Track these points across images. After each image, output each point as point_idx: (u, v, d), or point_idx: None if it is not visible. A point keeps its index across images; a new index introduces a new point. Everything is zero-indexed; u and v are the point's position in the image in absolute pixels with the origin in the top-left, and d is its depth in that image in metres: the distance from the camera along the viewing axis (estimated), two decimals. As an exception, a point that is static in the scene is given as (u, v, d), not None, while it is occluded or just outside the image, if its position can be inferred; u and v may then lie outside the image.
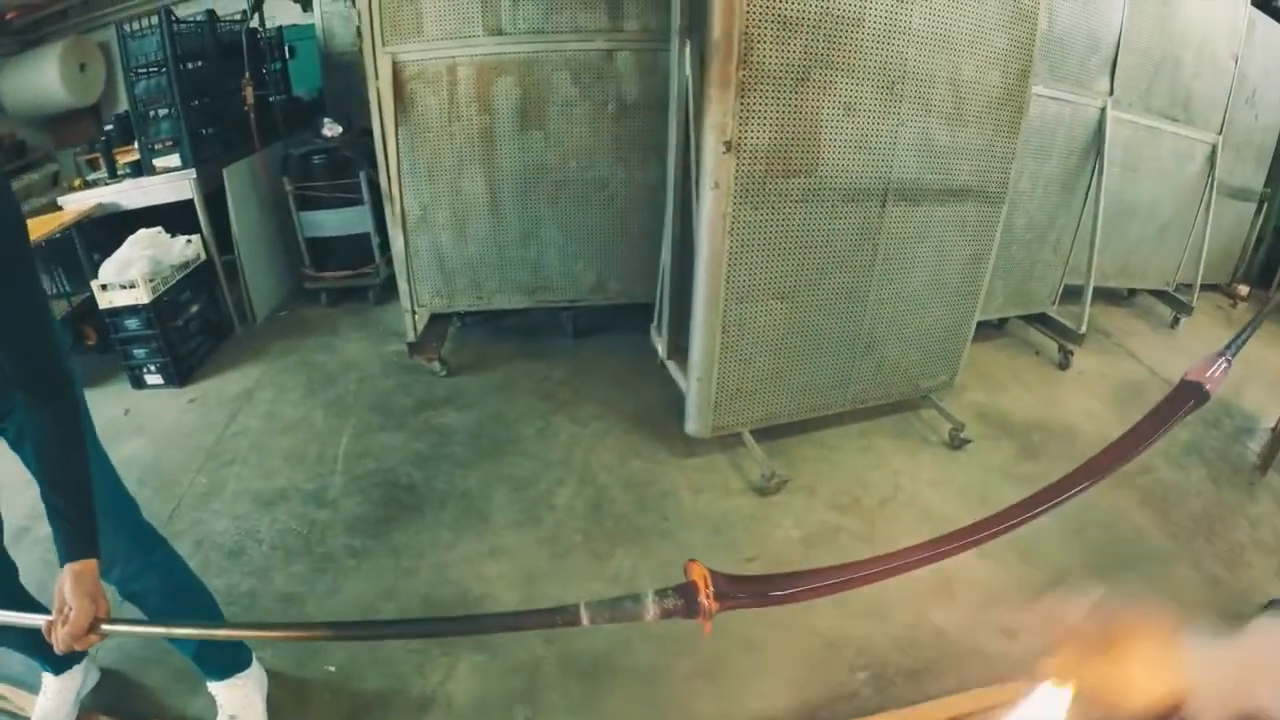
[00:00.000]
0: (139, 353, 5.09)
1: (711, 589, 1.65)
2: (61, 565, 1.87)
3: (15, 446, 2.32)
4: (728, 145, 3.26)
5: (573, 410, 4.60)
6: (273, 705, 2.82)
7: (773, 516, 3.71)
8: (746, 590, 1.75)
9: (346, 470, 4.16)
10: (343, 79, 7.20)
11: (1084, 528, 3.55)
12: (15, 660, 2.85)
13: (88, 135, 7.13)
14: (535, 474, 4.05)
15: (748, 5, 3.11)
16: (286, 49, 7.19)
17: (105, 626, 1.83)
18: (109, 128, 6.42)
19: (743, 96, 3.22)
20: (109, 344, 5.30)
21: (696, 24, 3.51)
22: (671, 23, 3.79)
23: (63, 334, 3.06)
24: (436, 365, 4.91)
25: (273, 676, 2.91)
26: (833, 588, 1.85)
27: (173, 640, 2.69)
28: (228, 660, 2.74)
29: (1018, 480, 3.96)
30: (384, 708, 2.86)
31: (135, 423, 4.77)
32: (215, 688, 2.72)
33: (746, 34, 3.15)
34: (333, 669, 2.99)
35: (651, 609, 1.67)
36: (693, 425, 3.99)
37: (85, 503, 1.96)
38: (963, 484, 3.96)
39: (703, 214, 3.44)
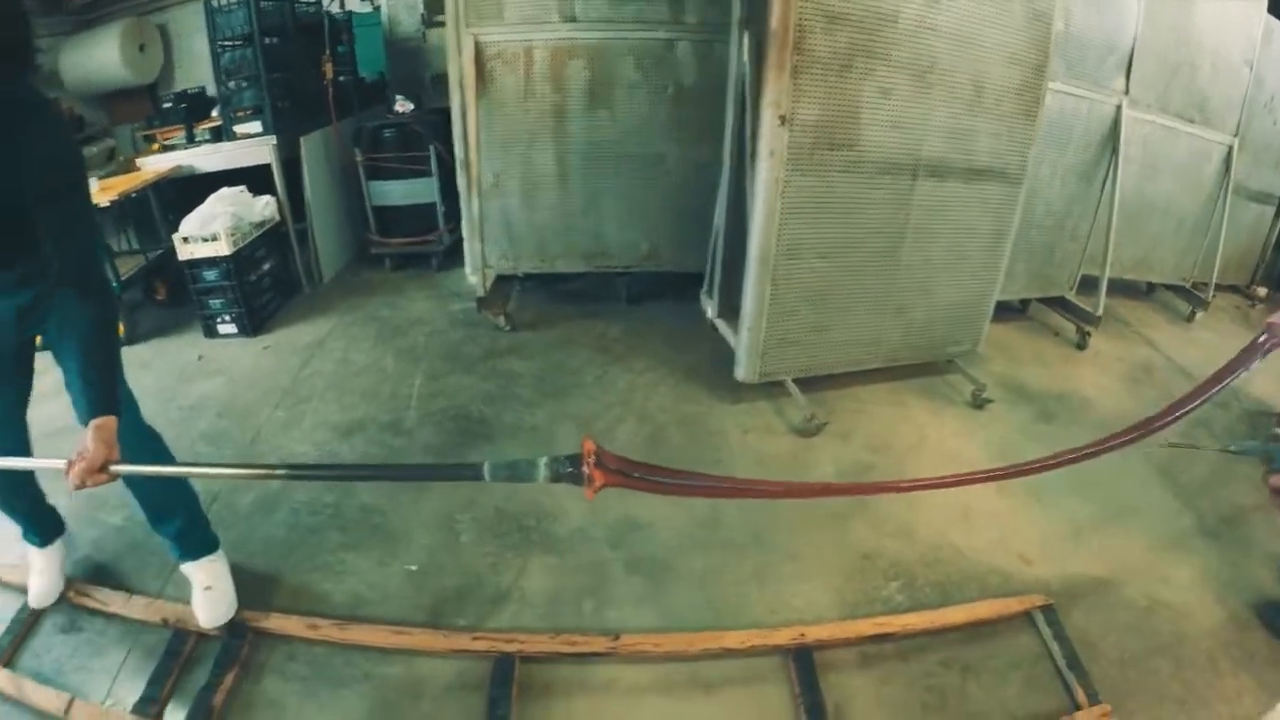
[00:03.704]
0: (215, 303, 5.75)
1: (594, 461, 1.99)
2: (84, 423, 2.39)
3: (54, 343, 2.76)
4: (782, 119, 3.96)
5: (628, 362, 5.24)
6: (356, 599, 3.37)
7: (812, 454, 4.31)
8: (630, 470, 2.09)
9: (421, 406, 4.80)
10: (405, 63, 7.97)
11: (1096, 482, 4.00)
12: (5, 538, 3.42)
13: (144, 112, 7.72)
14: (597, 413, 4.68)
15: (801, 1, 3.79)
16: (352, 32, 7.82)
17: (114, 467, 2.36)
18: (167, 105, 7.14)
19: (795, 78, 3.91)
20: (179, 298, 6.04)
21: (754, 17, 4.24)
22: (732, 15, 4.51)
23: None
24: (502, 320, 5.63)
25: (355, 574, 3.49)
26: (702, 491, 2.36)
27: (157, 525, 3.19)
28: (202, 543, 3.26)
29: (1034, 438, 4.50)
30: (462, 600, 3.37)
31: (210, 366, 5.39)
32: (189, 567, 3.23)
33: (799, 25, 3.83)
34: (414, 567, 3.54)
35: (544, 473, 2.04)
36: (742, 371, 4.65)
37: (112, 375, 2.51)
38: (984, 438, 4.52)
39: (759, 178, 4.12)
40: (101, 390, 2.44)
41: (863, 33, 3.97)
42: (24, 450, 2.95)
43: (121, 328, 2.94)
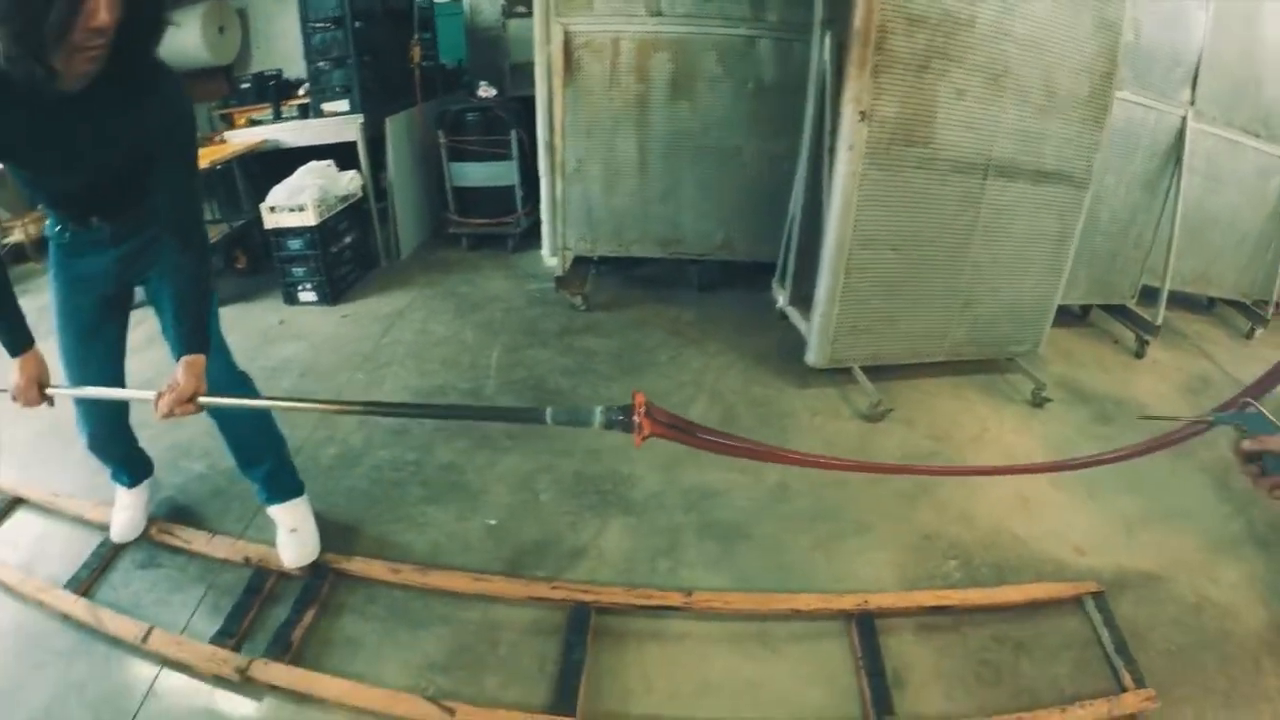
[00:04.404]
0: (297, 271, 6.07)
1: (645, 411, 2.14)
2: (177, 359, 2.65)
3: (154, 292, 3.05)
4: (862, 115, 4.16)
5: (701, 345, 5.45)
6: (436, 548, 3.56)
7: (878, 439, 4.48)
8: (676, 423, 2.26)
9: (500, 376, 5.05)
10: (485, 51, 8.30)
11: (1149, 482, 4.07)
12: (97, 484, 3.67)
13: (219, 93, 7.95)
14: (671, 390, 4.88)
15: (883, 3, 3.98)
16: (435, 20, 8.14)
17: (202, 399, 2.60)
18: (245, 86, 7.43)
19: (876, 76, 4.10)
20: (258, 267, 6.36)
21: (836, 17, 4.48)
22: (814, 15, 4.75)
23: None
24: (579, 300, 5.88)
25: (435, 526, 3.70)
26: (746, 451, 2.52)
27: (246, 467, 3.39)
28: (288, 487, 3.45)
29: (1091, 438, 4.56)
30: (540, 554, 3.55)
31: (291, 331, 5.70)
32: (275, 510, 3.42)
33: (881, 26, 4.02)
34: (493, 522, 3.73)
35: (599, 419, 2.21)
36: (812, 355, 4.84)
37: (204, 318, 2.74)
38: (1042, 434, 4.61)
39: (837, 170, 4.32)
40: (194, 330, 2.70)
41: (940, 35, 4.14)
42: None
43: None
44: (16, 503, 3.91)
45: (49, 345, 2.84)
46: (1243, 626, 3.27)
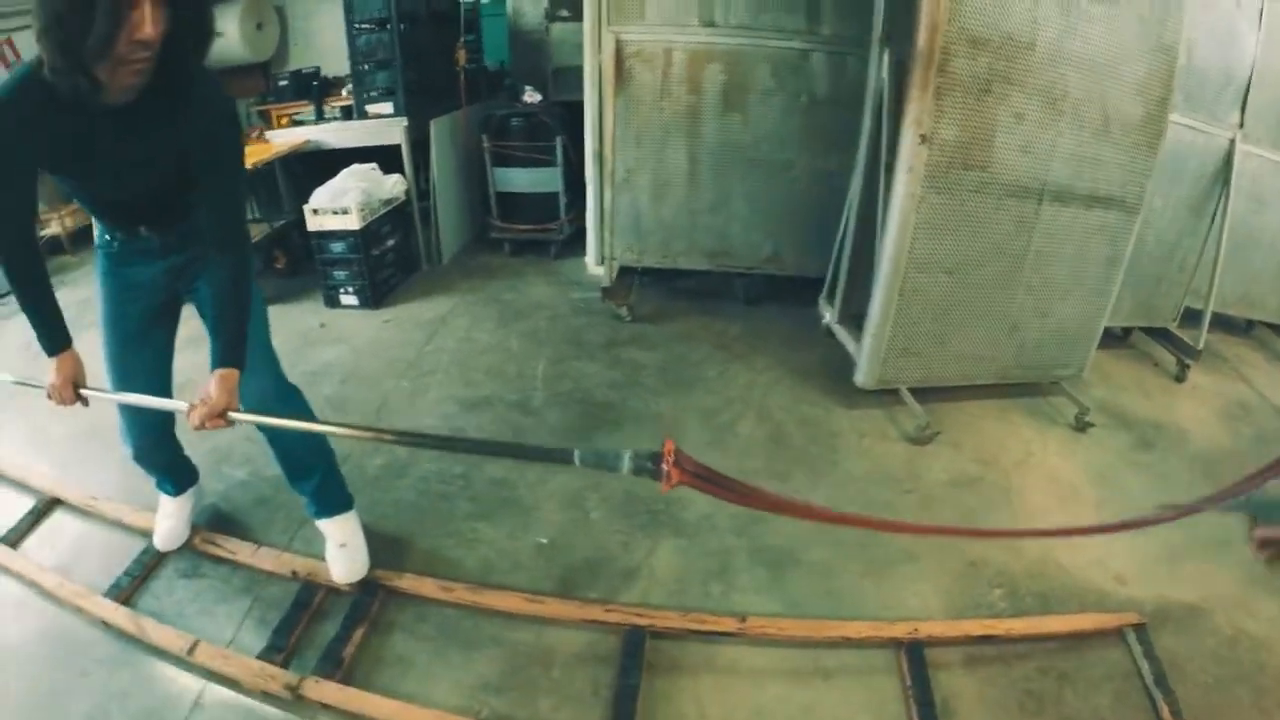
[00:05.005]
0: (339, 274, 6.11)
1: (674, 460, 2.12)
2: (212, 369, 2.63)
3: (202, 305, 3.03)
4: (923, 138, 4.16)
5: (748, 360, 5.46)
6: (486, 565, 3.59)
7: (924, 461, 4.49)
8: (703, 473, 2.24)
9: (547, 388, 5.06)
10: (529, 55, 8.28)
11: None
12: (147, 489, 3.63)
13: (256, 89, 8.13)
14: (719, 407, 4.90)
15: (947, 25, 3.98)
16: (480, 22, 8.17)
17: (234, 415, 2.60)
18: (283, 83, 7.53)
19: (938, 99, 4.10)
20: (297, 268, 6.43)
21: (895, 34, 4.48)
22: (872, 32, 4.76)
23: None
24: (625, 311, 5.91)
25: (486, 543, 3.72)
26: (763, 503, 2.53)
27: (295, 480, 3.38)
28: (338, 501, 3.44)
29: (1132, 465, 4.61)
30: (592, 574, 3.57)
31: (332, 335, 5.74)
32: (324, 524, 3.42)
33: (945, 49, 4.02)
34: (544, 540, 3.76)
35: (628, 464, 2.19)
36: (861, 376, 4.86)
37: (242, 331, 2.70)
38: (1084, 460, 4.62)
39: (895, 192, 4.33)
40: (230, 343, 2.68)
41: (1001, 58, 4.14)
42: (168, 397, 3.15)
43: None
44: (54, 503, 3.94)
45: (84, 341, 2.87)
46: (1277, 659, 3.31)
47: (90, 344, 2.97)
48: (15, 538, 3.71)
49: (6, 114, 2.25)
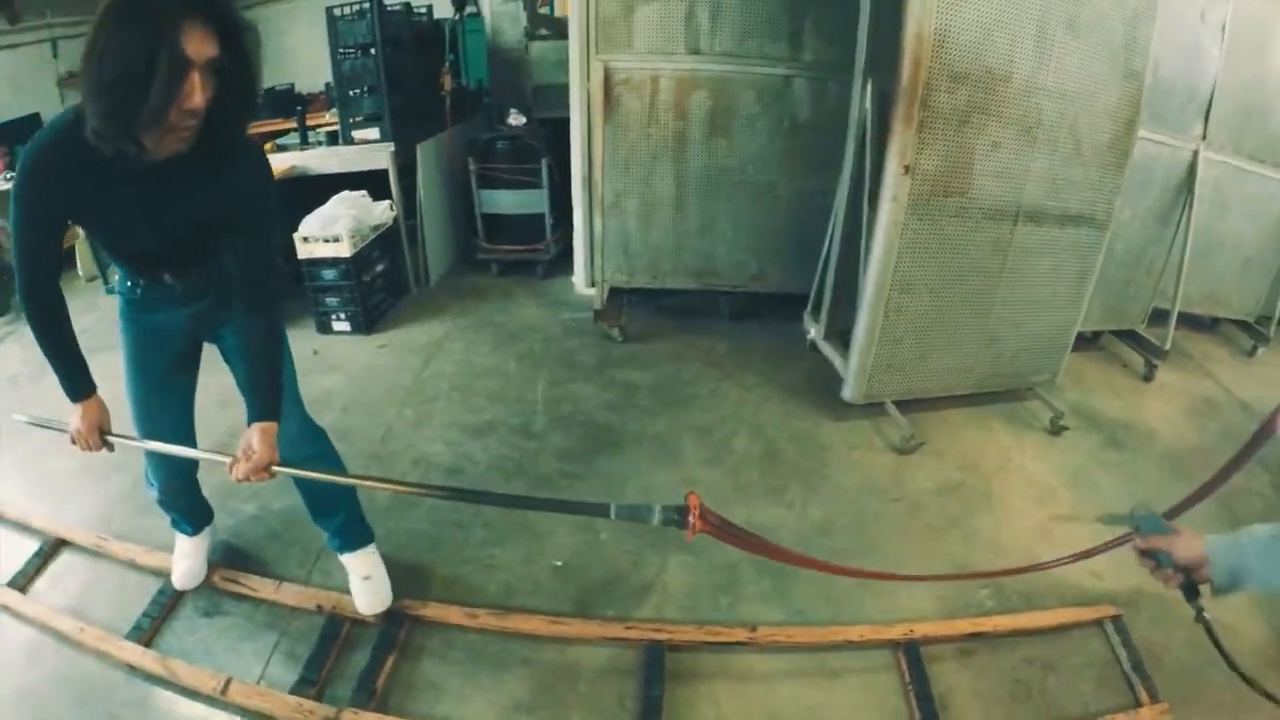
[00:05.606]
0: (331, 301, 6.19)
1: (699, 514, 2.34)
2: (249, 424, 2.68)
3: (227, 352, 3.10)
4: (906, 169, 4.39)
5: (737, 377, 5.67)
6: (506, 589, 3.72)
7: (910, 470, 4.74)
8: (723, 525, 2.49)
9: (548, 411, 5.23)
10: (508, 73, 8.43)
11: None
12: (154, 527, 3.75)
13: None
14: (713, 424, 5.11)
15: (930, 61, 4.18)
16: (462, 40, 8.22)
17: (276, 468, 2.66)
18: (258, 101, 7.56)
19: (920, 132, 4.32)
20: (284, 292, 6.42)
21: (878, 65, 4.69)
22: (856, 64, 4.96)
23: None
24: (616, 332, 6.11)
25: (504, 568, 3.85)
26: (773, 554, 2.85)
27: (320, 518, 3.48)
28: (360, 535, 3.54)
29: (1103, 464, 4.88)
30: (608, 593, 3.74)
31: (327, 362, 5.83)
32: (348, 558, 3.51)
33: (928, 84, 4.23)
34: (559, 562, 3.91)
35: (658, 517, 2.38)
36: (849, 392, 5.09)
37: (278, 385, 2.77)
38: (1059, 462, 4.88)
39: (880, 221, 4.55)
40: (267, 397, 2.74)
41: (980, 91, 4.35)
42: (191, 443, 3.18)
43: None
44: (60, 544, 3.94)
45: (98, 361, 2.89)
46: (1246, 643, 3.56)
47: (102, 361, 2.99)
48: (23, 581, 3.71)
49: (44, 162, 2.29)
